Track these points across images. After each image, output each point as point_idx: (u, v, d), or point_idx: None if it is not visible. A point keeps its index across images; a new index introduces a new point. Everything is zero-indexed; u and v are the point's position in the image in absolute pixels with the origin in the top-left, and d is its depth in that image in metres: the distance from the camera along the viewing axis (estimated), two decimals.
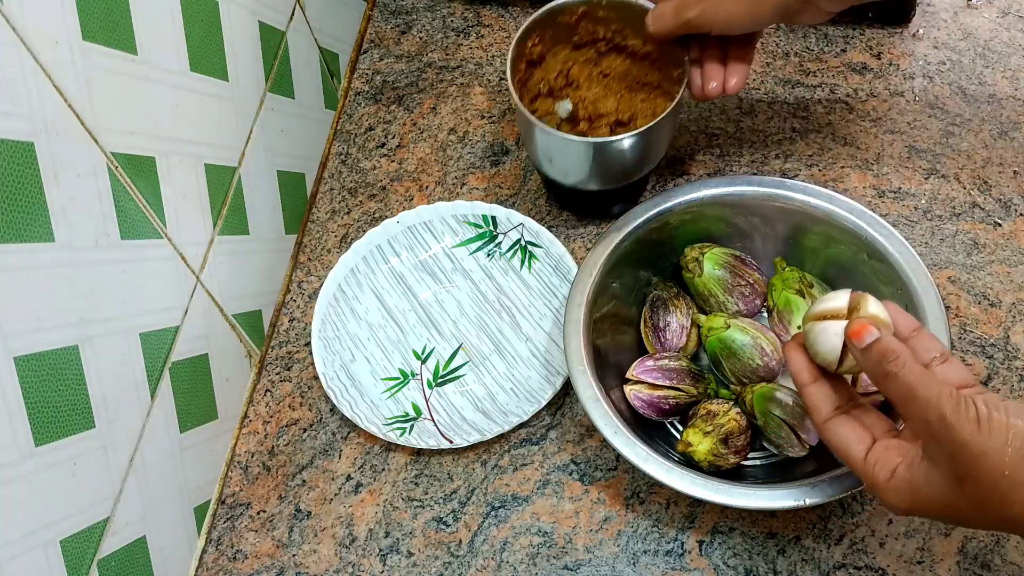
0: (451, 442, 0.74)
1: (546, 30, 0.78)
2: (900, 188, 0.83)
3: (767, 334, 0.72)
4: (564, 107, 0.79)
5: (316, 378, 0.81)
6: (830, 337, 0.56)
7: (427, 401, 0.79)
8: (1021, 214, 0.81)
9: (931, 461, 0.51)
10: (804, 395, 0.58)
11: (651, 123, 0.72)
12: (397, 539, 0.74)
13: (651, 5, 0.74)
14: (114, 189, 0.63)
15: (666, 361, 0.72)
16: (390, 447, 0.77)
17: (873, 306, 0.55)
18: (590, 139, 0.74)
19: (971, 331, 0.76)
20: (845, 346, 0.55)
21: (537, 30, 0.77)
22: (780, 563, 0.69)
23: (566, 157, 0.76)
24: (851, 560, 0.69)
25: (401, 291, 0.84)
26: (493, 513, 0.74)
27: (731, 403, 0.70)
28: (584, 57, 0.80)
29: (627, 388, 0.71)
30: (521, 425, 0.76)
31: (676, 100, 0.73)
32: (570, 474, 0.74)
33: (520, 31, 0.76)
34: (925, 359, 0.54)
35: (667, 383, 0.71)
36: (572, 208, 0.85)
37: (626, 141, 0.73)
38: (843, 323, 0.55)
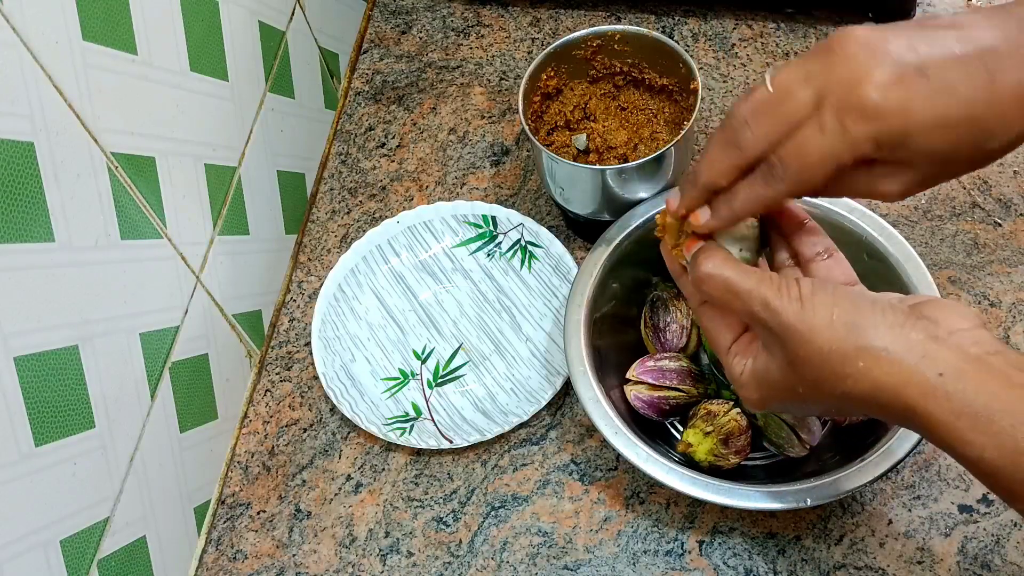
0: (451, 442, 0.74)
1: (561, 64, 0.78)
2: None
3: None
4: (580, 140, 0.80)
5: (316, 378, 0.81)
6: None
7: (427, 401, 0.79)
8: (1021, 214, 0.81)
9: (767, 350, 0.51)
10: (681, 284, 0.58)
11: (652, 155, 0.72)
12: (397, 539, 0.74)
13: (668, 40, 0.75)
14: (114, 189, 0.63)
15: (666, 362, 0.72)
16: (390, 447, 0.77)
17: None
18: (595, 166, 0.74)
19: None
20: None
21: (551, 64, 0.78)
22: (780, 563, 0.69)
23: (575, 185, 0.76)
24: (851, 560, 0.69)
25: (401, 291, 0.84)
26: (493, 513, 0.74)
27: (731, 403, 0.70)
28: (602, 91, 0.81)
29: (627, 388, 0.71)
30: (521, 425, 0.76)
31: (684, 131, 0.73)
32: (570, 474, 0.74)
33: (533, 65, 0.76)
34: (809, 254, 0.55)
35: (667, 383, 0.71)
36: (588, 236, 0.85)
37: (630, 169, 0.73)
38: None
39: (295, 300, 0.86)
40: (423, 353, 0.81)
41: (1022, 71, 0.46)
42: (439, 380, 0.80)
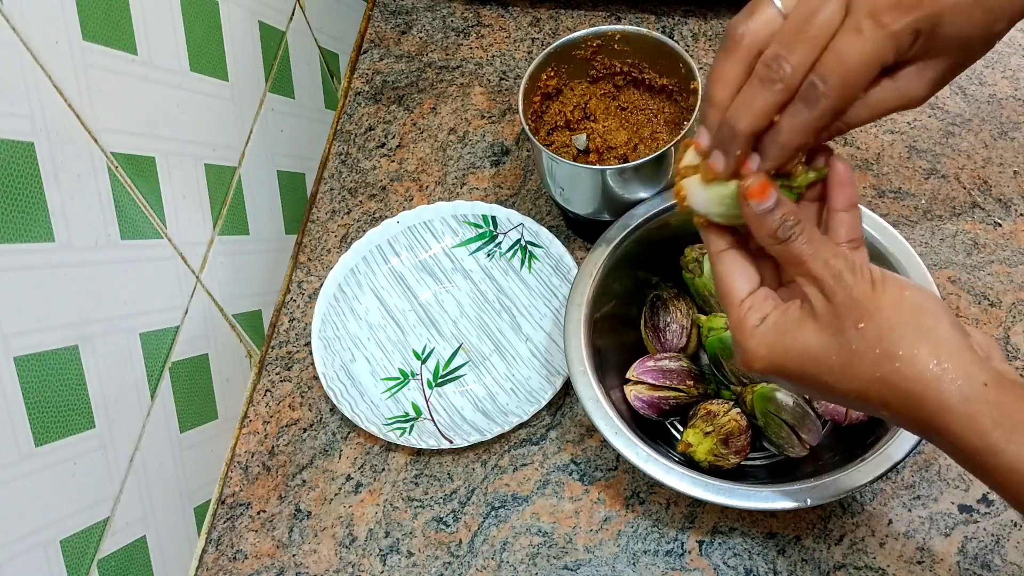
0: (451, 442, 0.74)
1: (561, 64, 0.78)
2: (900, 188, 0.83)
3: None
4: (581, 140, 0.79)
5: (316, 378, 0.81)
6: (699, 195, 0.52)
7: (427, 401, 0.79)
8: (1021, 214, 0.81)
9: (809, 312, 0.49)
10: (703, 232, 0.54)
11: (652, 155, 0.72)
12: (397, 539, 0.74)
13: (668, 40, 0.74)
14: (114, 189, 0.63)
15: (666, 362, 0.72)
16: (390, 447, 0.77)
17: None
18: (595, 166, 0.74)
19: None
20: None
21: (551, 64, 0.78)
22: (780, 563, 0.69)
23: (574, 185, 0.76)
24: (851, 560, 0.69)
25: (401, 291, 0.84)
26: (493, 513, 0.74)
27: (731, 403, 0.70)
28: (602, 91, 0.81)
29: (627, 388, 0.71)
30: (521, 425, 0.76)
31: (684, 131, 0.73)
32: (570, 474, 0.74)
33: (533, 65, 0.76)
34: (840, 238, 0.53)
35: (667, 383, 0.71)
36: (588, 237, 0.85)
37: (630, 169, 0.73)
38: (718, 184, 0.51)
39: (295, 300, 0.86)
40: (423, 353, 0.81)
41: None
42: (439, 380, 0.80)
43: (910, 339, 0.46)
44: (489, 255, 0.84)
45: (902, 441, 0.63)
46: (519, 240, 0.83)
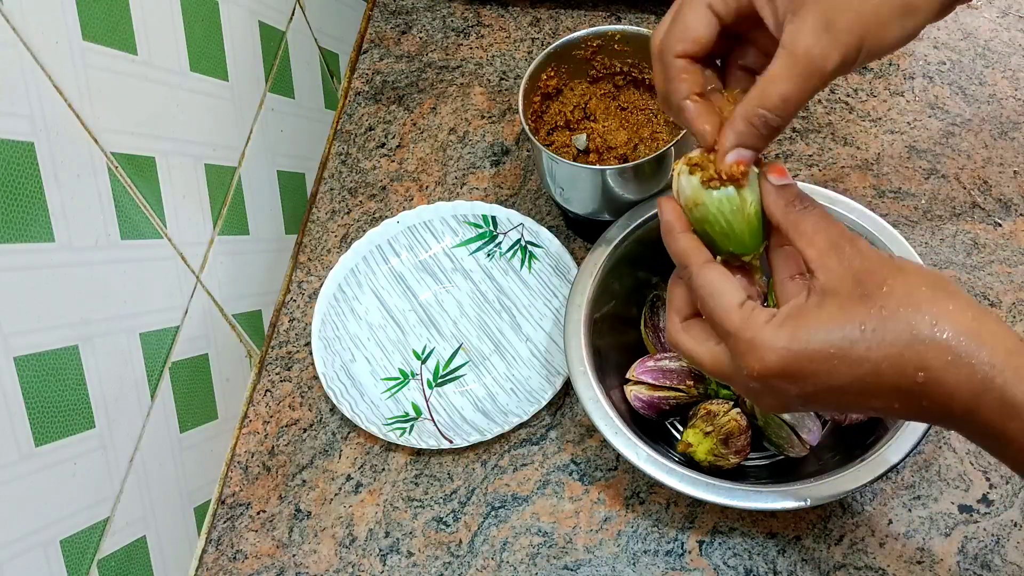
0: (451, 442, 0.74)
1: (561, 64, 0.78)
2: (900, 188, 0.83)
3: None
4: (581, 140, 0.79)
5: (316, 378, 0.81)
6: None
7: (427, 401, 0.79)
8: (1021, 214, 0.81)
9: (826, 290, 0.47)
10: (679, 242, 0.53)
11: (652, 155, 0.72)
12: (397, 539, 0.74)
13: None
14: (114, 189, 0.63)
15: (666, 362, 0.72)
16: (390, 447, 0.77)
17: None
18: (595, 166, 0.74)
19: None
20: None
21: (551, 64, 0.78)
22: (780, 563, 0.69)
23: (575, 185, 0.76)
24: (851, 560, 0.69)
25: (401, 291, 0.84)
26: (493, 513, 0.74)
27: (731, 403, 0.70)
28: (602, 91, 0.81)
29: (627, 388, 0.71)
30: (521, 425, 0.76)
31: (684, 131, 0.73)
32: (570, 474, 0.74)
33: (533, 65, 0.76)
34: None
35: (667, 383, 0.71)
36: (588, 237, 0.85)
37: (630, 169, 0.73)
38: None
39: (295, 300, 0.86)
40: (423, 353, 0.81)
41: None
42: (439, 380, 0.80)
43: (941, 297, 0.46)
44: (489, 255, 0.84)
45: (902, 441, 0.63)
46: (519, 240, 0.83)
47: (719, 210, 0.52)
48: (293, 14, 0.88)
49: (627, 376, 0.72)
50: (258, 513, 0.76)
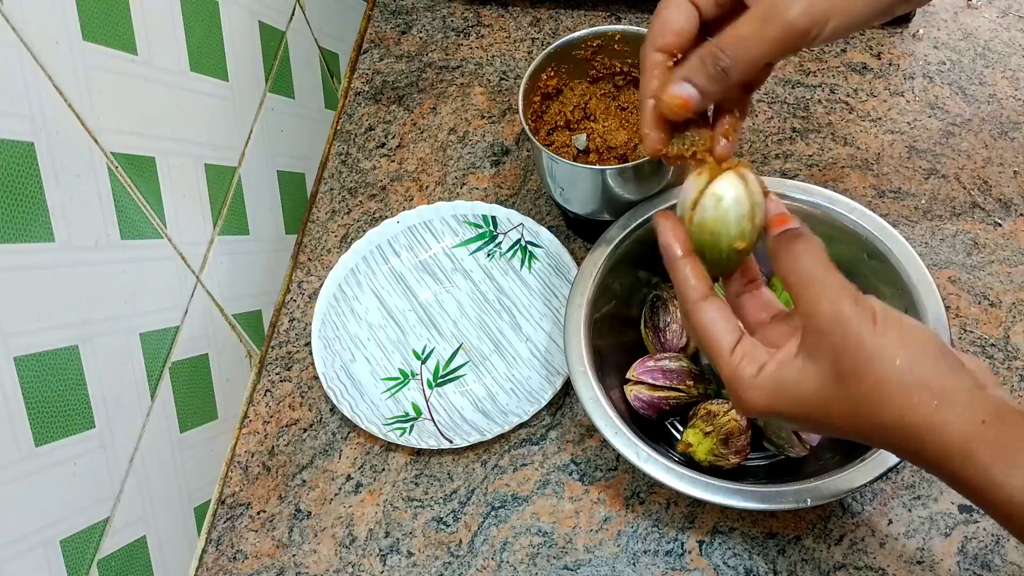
0: (451, 442, 0.74)
1: (561, 64, 0.78)
2: (900, 188, 0.83)
3: None
4: (580, 140, 0.79)
5: (316, 378, 0.81)
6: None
7: (427, 401, 0.79)
8: (1021, 214, 0.81)
9: (809, 357, 0.49)
10: (676, 269, 0.54)
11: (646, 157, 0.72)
12: (397, 539, 0.74)
13: None
14: (114, 189, 0.63)
15: (666, 362, 0.72)
16: (390, 447, 0.77)
17: (749, 174, 0.53)
18: (595, 166, 0.74)
19: (971, 331, 0.76)
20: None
21: (551, 64, 0.78)
22: (780, 563, 0.69)
23: (575, 185, 0.76)
24: (851, 560, 0.69)
25: (401, 291, 0.84)
26: (493, 513, 0.74)
27: (731, 403, 0.70)
28: (602, 91, 0.81)
29: (627, 388, 0.71)
30: (521, 425, 0.76)
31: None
32: (570, 474, 0.74)
33: (533, 65, 0.76)
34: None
35: (667, 383, 0.71)
36: (588, 236, 0.85)
37: (630, 169, 0.72)
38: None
39: (295, 300, 0.86)
40: (423, 353, 0.81)
41: None
42: (439, 380, 0.80)
43: (910, 389, 0.47)
44: (489, 255, 0.84)
45: None
46: (519, 240, 0.83)
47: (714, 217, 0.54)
48: (293, 14, 0.88)
49: (627, 376, 0.72)
50: (258, 513, 0.76)
